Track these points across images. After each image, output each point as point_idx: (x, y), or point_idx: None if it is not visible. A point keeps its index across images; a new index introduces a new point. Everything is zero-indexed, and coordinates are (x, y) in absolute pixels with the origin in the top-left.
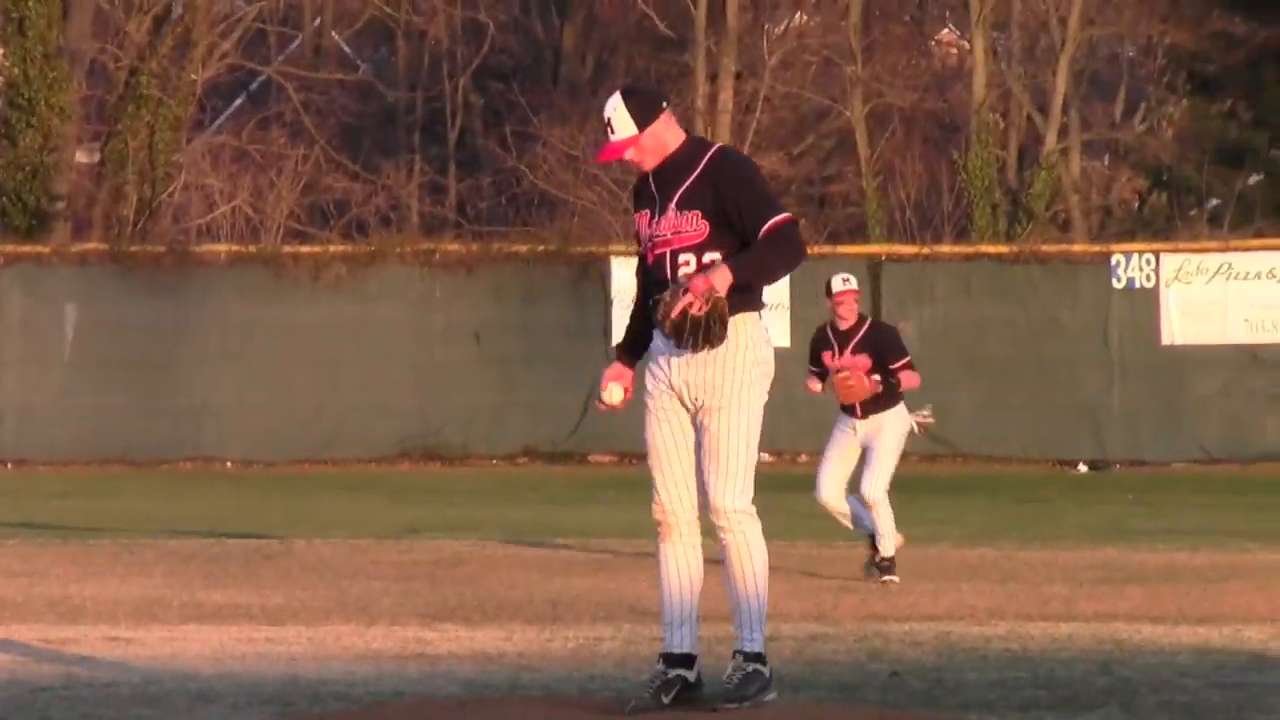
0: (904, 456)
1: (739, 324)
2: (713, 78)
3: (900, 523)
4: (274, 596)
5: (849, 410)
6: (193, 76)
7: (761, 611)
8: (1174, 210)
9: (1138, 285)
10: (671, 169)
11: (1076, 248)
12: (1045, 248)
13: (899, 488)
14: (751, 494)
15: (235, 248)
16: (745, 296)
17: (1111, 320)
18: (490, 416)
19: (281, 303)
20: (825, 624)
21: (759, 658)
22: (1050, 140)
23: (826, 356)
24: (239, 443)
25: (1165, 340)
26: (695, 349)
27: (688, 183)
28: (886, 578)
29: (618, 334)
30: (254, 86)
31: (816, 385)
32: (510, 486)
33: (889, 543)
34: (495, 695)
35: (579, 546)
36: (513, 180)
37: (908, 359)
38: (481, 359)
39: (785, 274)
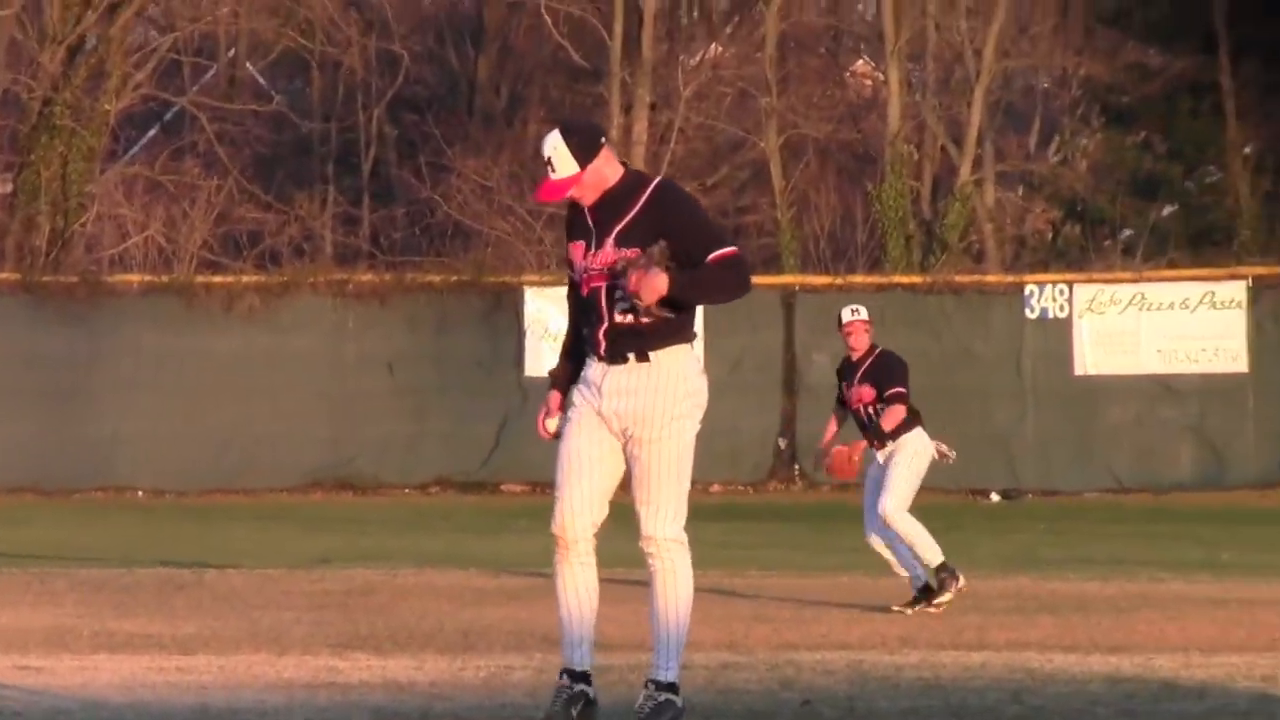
0: (812, 484)
1: (671, 356)
2: (627, 109)
3: (815, 551)
4: (185, 626)
5: (871, 443)
6: (106, 107)
7: (680, 642)
8: (1088, 241)
9: (1051, 315)
10: (610, 203)
11: (990, 278)
12: (959, 278)
13: (817, 515)
14: (683, 523)
15: (148, 278)
16: (677, 329)
17: (1025, 350)
18: (403, 446)
19: (194, 333)
20: (737, 652)
21: (673, 688)
22: (965, 171)
23: (844, 388)
24: (151, 472)
25: (1078, 370)
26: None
27: (629, 217)
28: (929, 605)
29: (531, 364)
30: (168, 117)
31: (832, 427)
32: (423, 516)
33: (926, 552)
34: None
35: (491, 576)
36: (426, 211)
37: (899, 390)
38: (395, 389)
39: (725, 300)
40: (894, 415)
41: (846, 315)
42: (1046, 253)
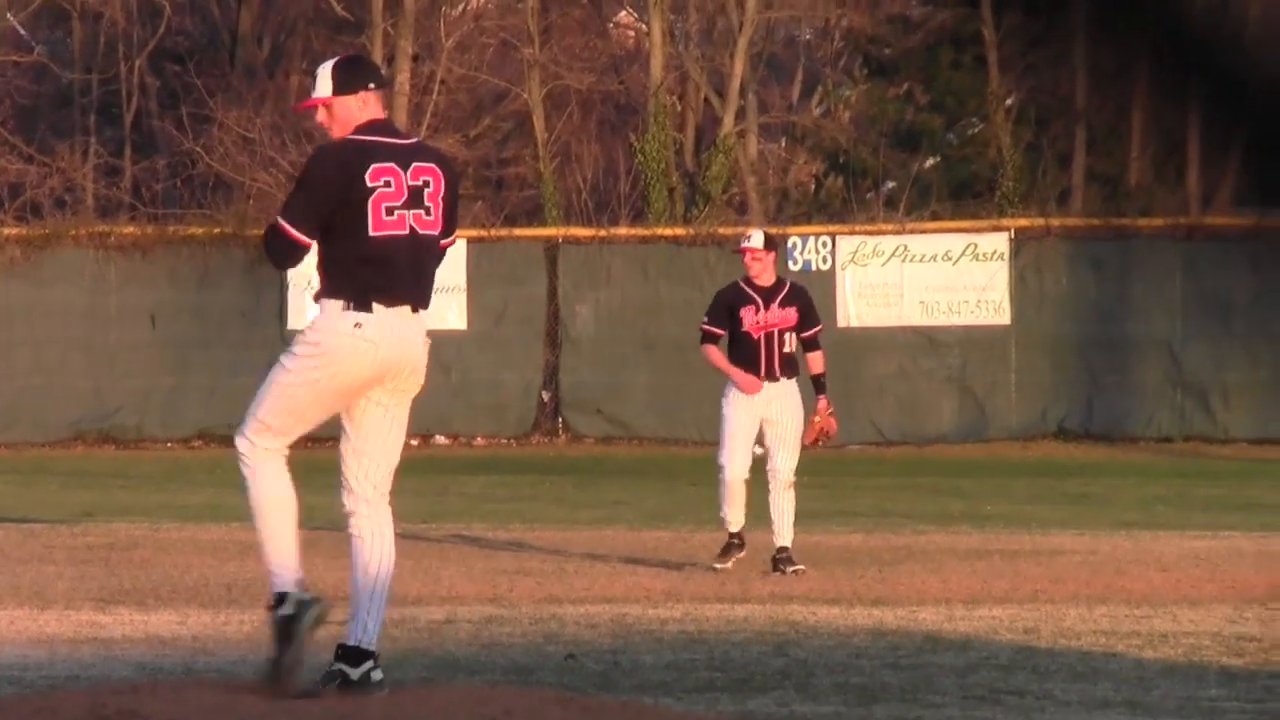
0: (575, 437)
1: (319, 307)
2: (390, 60)
3: (577, 505)
4: None
5: (754, 371)
6: None
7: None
8: (850, 193)
9: (814, 268)
10: None
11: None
12: (722, 230)
13: (580, 469)
14: (247, 431)
15: None
16: (334, 285)
17: None
18: (165, 400)
19: None
20: (501, 606)
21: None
22: (727, 123)
23: (748, 312)
24: None
25: (841, 323)
26: None
27: None
28: (791, 568)
29: (294, 317)
30: None
31: (717, 354)
32: (185, 470)
33: (789, 531)
34: (170, 679)
35: (255, 530)
36: (189, 163)
37: (821, 328)
38: (157, 342)
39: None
40: (818, 360)
41: (744, 243)
42: (809, 205)
